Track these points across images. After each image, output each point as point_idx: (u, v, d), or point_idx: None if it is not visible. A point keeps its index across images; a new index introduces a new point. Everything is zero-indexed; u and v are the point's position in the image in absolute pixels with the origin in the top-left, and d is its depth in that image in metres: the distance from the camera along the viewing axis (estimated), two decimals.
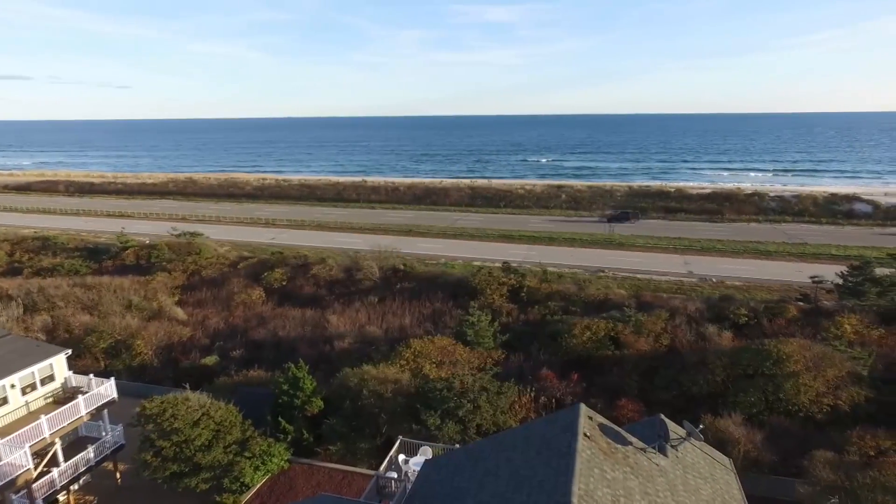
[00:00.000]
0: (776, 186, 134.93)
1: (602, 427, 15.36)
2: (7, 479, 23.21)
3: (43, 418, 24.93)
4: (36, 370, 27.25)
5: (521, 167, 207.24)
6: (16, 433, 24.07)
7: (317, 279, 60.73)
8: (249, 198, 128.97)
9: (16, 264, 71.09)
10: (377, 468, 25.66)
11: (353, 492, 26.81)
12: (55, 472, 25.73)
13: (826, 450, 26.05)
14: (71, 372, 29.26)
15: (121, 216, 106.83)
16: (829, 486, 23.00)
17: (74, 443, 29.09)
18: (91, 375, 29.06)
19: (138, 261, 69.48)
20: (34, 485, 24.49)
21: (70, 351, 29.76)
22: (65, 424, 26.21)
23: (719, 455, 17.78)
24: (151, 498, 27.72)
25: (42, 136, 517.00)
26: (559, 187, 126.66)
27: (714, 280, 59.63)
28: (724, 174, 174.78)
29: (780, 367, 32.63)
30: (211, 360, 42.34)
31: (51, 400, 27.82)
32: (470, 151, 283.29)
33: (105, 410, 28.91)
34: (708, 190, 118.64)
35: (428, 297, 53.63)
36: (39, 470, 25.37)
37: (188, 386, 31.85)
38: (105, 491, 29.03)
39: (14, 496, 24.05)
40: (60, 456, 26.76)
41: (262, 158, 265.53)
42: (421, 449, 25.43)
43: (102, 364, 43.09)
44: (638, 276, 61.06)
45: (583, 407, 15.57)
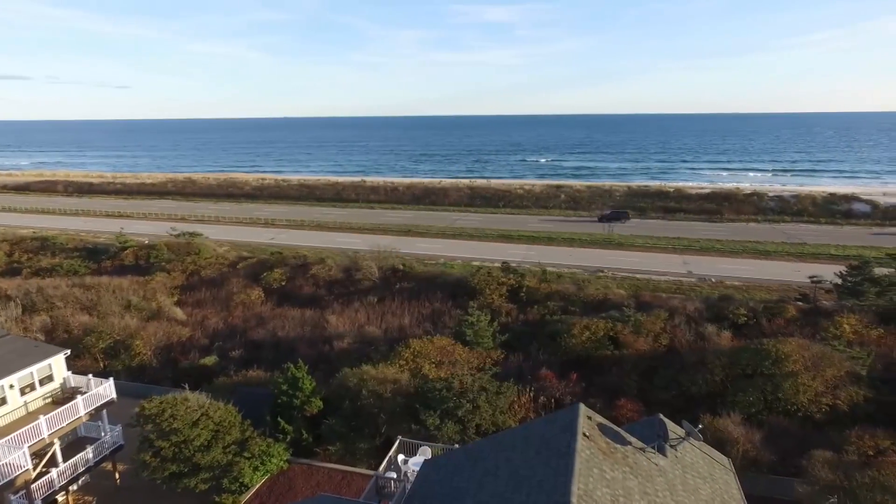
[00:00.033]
0: (775, 186, 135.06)
1: (601, 427, 15.36)
2: (6, 480, 23.21)
3: (42, 419, 24.92)
4: (35, 370, 27.23)
5: (520, 167, 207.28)
6: (14, 433, 24.04)
7: (316, 279, 60.72)
8: (248, 198, 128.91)
9: (14, 264, 70.99)
10: (376, 468, 25.64)
11: (353, 492, 26.81)
12: (54, 473, 25.71)
13: (825, 449, 26.08)
14: (70, 372, 29.24)
15: (120, 216, 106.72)
16: (828, 486, 23.04)
17: (73, 443, 29.08)
18: (90, 376, 29.04)
19: (137, 261, 69.44)
20: (33, 485, 24.48)
21: (69, 351, 29.73)
22: (64, 425, 26.20)
23: (718, 455, 17.79)
24: (150, 498, 27.70)
25: (40, 136, 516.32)
26: (558, 187, 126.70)
27: (713, 280, 59.68)
28: (723, 174, 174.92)
29: (779, 367, 32.66)
30: (210, 361, 42.29)
31: (49, 400, 27.79)
32: (469, 151, 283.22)
33: (104, 411, 28.90)
34: (707, 190, 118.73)
35: (427, 297, 53.64)
36: (38, 470, 25.35)
37: (187, 386, 31.82)
38: (104, 491, 29.01)
39: (13, 497, 24.04)
40: (59, 456, 26.74)
41: (262, 158, 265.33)
42: (420, 449, 25.43)
43: (101, 364, 43.06)
44: (637, 276, 61.10)
45: (582, 407, 15.57)
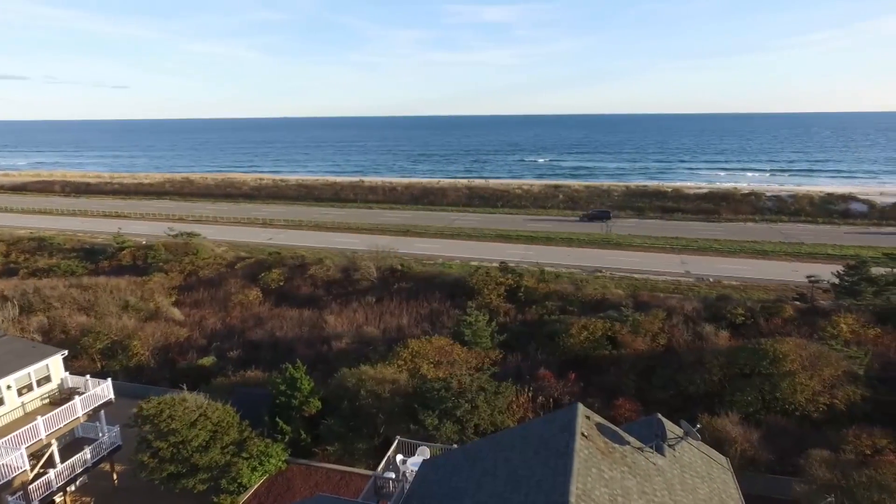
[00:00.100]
0: (773, 186, 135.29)
1: (599, 427, 15.37)
2: (3, 481, 23.16)
3: (39, 419, 24.85)
4: (32, 371, 27.15)
5: (519, 167, 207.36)
6: (12, 434, 23.98)
7: (314, 279, 60.69)
8: (247, 198, 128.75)
9: (11, 265, 70.89)
10: (375, 468, 25.64)
11: (351, 492, 26.81)
12: (52, 474, 25.64)
13: (822, 448, 26.16)
14: (67, 373, 29.15)
15: (117, 216, 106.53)
16: (826, 485, 23.08)
17: (71, 444, 28.99)
18: (87, 376, 28.98)
19: (135, 261, 69.35)
20: (30, 486, 24.41)
21: (66, 352, 29.63)
22: (61, 426, 26.14)
23: (716, 454, 17.81)
24: (149, 499, 27.66)
25: (38, 136, 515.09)
26: (556, 187, 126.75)
27: (711, 280, 59.78)
28: (721, 174, 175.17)
29: (777, 367, 32.73)
30: (208, 361, 42.23)
31: (47, 401, 27.73)
32: (467, 151, 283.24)
33: (102, 411, 28.83)
34: (705, 190, 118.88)
35: (425, 298, 53.64)
36: (36, 471, 25.32)
37: (185, 386, 31.76)
38: (102, 492, 28.95)
39: (10, 498, 23.98)
40: (57, 457, 26.65)
41: (260, 158, 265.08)
42: (419, 449, 25.43)
43: (99, 365, 42.97)
44: (635, 276, 61.17)
45: (580, 406, 15.57)
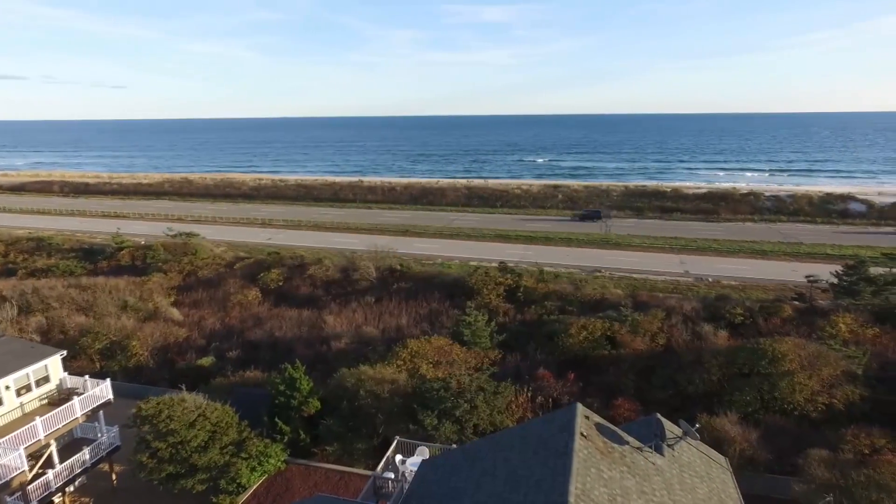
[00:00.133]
0: (772, 186, 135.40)
1: (599, 426, 15.38)
2: (2, 482, 23.13)
3: (38, 420, 24.82)
4: (31, 371, 27.12)
5: (518, 167, 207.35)
6: (10, 435, 23.95)
7: (313, 279, 60.67)
8: (246, 198, 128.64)
9: (10, 265, 70.79)
10: (374, 468, 25.64)
11: (350, 492, 26.79)
12: (50, 474, 25.61)
13: (821, 448, 26.19)
14: (66, 373, 29.12)
15: (116, 217, 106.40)
16: (824, 485, 23.12)
17: (70, 444, 28.96)
18: (86, 377, 28.95)
19: (134, 261, 69.29)
20: (29, 487, 24.38)
21: (65, 352, 29.63)
22: (60, 426, 26.11)
23: (715, 454, 17.82)
24: (148, 499, 27.65)
25: (36, 137, 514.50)
26: (556, 187, 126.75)
27: (710, 279, 59.81)
28: (720, 174, 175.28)
29: (776, 366, 32.77)
30: (207, 361, 42.19)
31: (46, 401, 27.69)
32: (466, 151, 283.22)
33: (100, 412, 28.79)
34: (704, 190, 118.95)
35: (424, 298, 53.64)
36: (34, 472, 25.29)
37: (184, 387, 31.72)
38: (101, 492, 28.93)
39: (9, 498, 23.94)
40: (56, 458, 26.64)
41: (259, 158, 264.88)
42: (418, 449, 25.41)
43: (98, 365, 42.93)
44: (634, 276, 61.19)
45: (579, 406, 15.58)
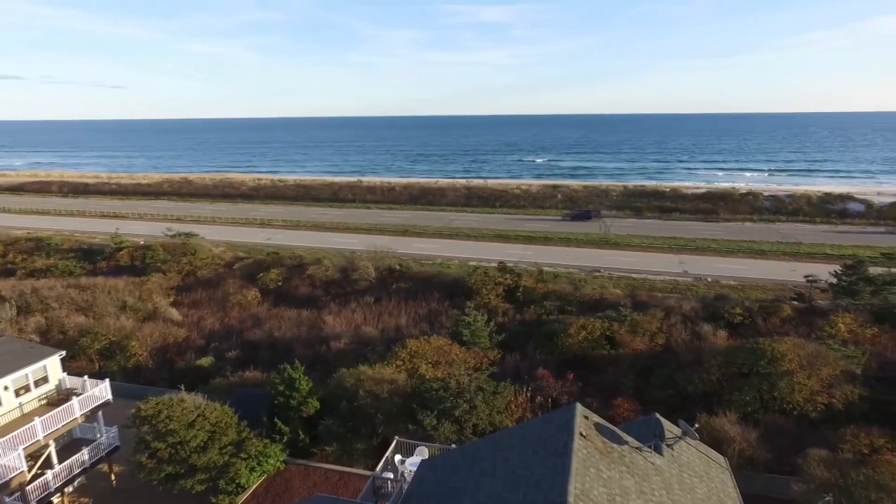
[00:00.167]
0: (771, 186, 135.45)
1: (598, 426, 15.39)
2: (1, 482, 23.09)
3: (37, 420, 24.80)
4: (30, 372, 27.09)
5: (517, 167, 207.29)
6: (9, 435, 23.93)
7: (313, 279, 60.64)
8: (245, 198, 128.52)
9: (9, 265, 70.71)
10: (373, 469, 25.66)
11: (350, 492, 26.78)
12: (49, 475, 25.59)
13: (820, 448, 26.19)
14: (65, 374, 29.10)
15: (115, 217, 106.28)
16: (824, 484, 23.13)
17: (69, 445, 28.95)
18: (85, 377, 28.93)
19: (133, 262, 69.23)
20: (28, 487, 24.35)
21: (64, 352, 29.63)
22: (59, 426, 26.09)
23: (714, 454, 17.84)
24: (147, 500, 27.62)
25: (35, 137, 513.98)
26: (555, 187, 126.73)
27: (709, 279, 59.83)
28: (719, 174, 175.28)
29: (775, 366, 32.79)
30: (206, 362, 42.16)
31: (45, 402, 27.66)
32: (466, 151, 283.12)
33: (100, 412, 28.77)
34: (703, 189, 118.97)
35: (424, 298, 53.64)
36: (33, 472, 25.26)
37: (183, 387, 31.73)
38: (100, 493, 28.90)
39: (8, 499, 23.92)
40: (55, 458, 26.62)
41: (258, 158, 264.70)
42: (417, 449, 25.42)
43: (97, 365, 42.89)
44: (633, 276, 61.18)
45: (579, 406, 15.59)
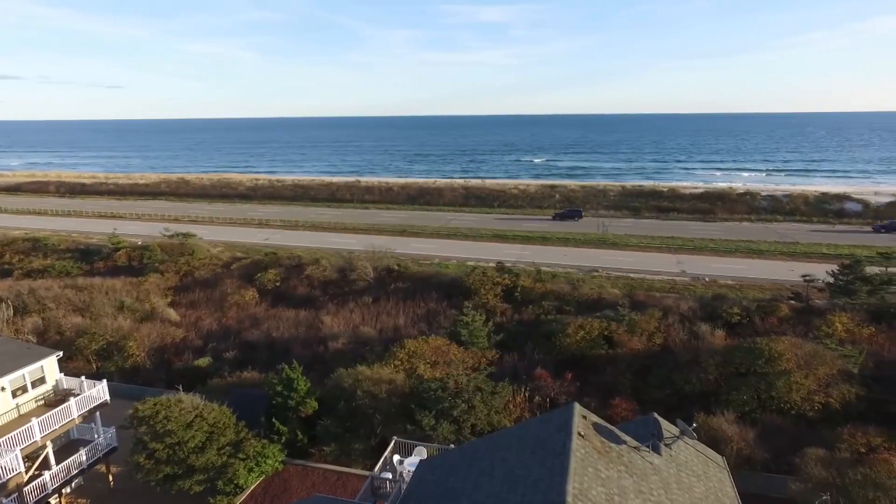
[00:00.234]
0: (768, 186, 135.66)
1: (596, 426, 15.41)
2: None
3: (34, 421, 24.72)
4: (27, 372, 26.99)
5: (515, 167, 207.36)
6: (6, 436, 23.83)
7: (311, 280, 60.59)
8: (242, 198, 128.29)
9: (6, 266, 70.47)
10: (372, 469, 25.65)
11: (348, 493, 26.78)
12: (47, 476, 25.51)
13: (818, 447, 26.27)
14: (62, 374, 29.00)
15: (112, 217, 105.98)
16: (821, 483, 23.19)
17: (66, 445, 28.86)
18: (83, 377, 28.82)
19: (130, 262, 69.07)
20: (25, 488, 24.27)
21: (61, 353, 29.49)
22: (56, 427, 25.99)
23: (712, 453, 17.87)
24: (145, 500, 27.58)
25: (32, 137, 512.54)
26: (553, 187, 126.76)
27: (707, 279, 59.94)
28: (717, 174, 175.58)
29: (772, 366, 32.87)
30: (204, 362, 42.10)
31: (42, 402, 27.57)
32: (464, 151, 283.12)
33: (97, 413, 28.69)
34: (700, 189, 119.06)
35: (422, 298, 53.64)
36: (31, 473, 25.18)
37: (181, 387, 31.73)
38: (98, 494, 28.84)
39: (5, 500, 23.83)
40: (52, 459, 26.53)
41: (255, 159, 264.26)
42: (416, 449, 25.42)
43: (94, 366, 42.78)
44: (631, 276, 61.24)
45: (577, 406, 15.60)
